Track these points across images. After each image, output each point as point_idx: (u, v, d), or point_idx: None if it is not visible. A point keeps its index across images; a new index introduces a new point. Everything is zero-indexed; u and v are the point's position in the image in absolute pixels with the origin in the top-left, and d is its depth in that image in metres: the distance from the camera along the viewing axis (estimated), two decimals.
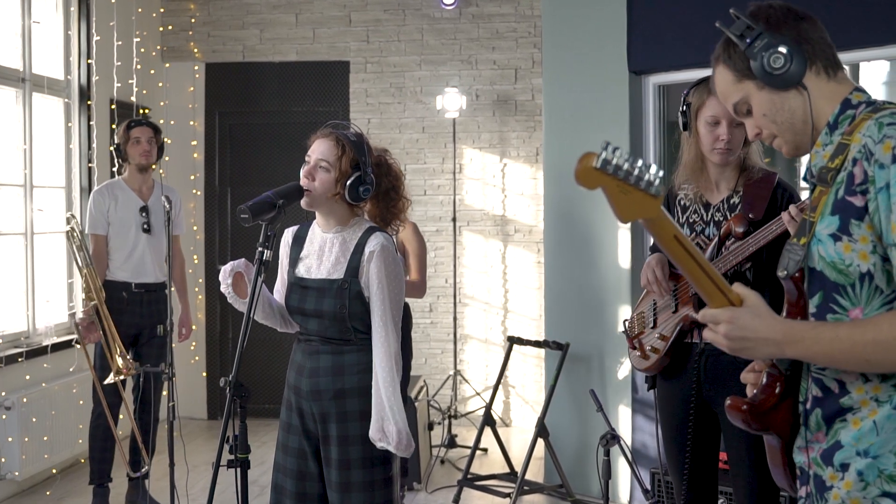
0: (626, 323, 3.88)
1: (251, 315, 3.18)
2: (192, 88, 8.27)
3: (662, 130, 5.94)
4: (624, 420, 5.89)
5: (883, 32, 5.07)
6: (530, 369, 7.91)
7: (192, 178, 8.24)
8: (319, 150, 3.36)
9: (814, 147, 2.05)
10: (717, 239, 3.56)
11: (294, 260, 3.46)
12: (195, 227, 8.24)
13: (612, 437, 4.46)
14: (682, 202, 3.73)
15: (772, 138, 2.11)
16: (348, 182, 3.31)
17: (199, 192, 8.28)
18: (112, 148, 5.84)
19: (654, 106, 5.91)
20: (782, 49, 2.00)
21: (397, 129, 8.10)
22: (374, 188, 3.38)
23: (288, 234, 3.53)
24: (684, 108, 3.60)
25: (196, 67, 8.29)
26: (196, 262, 8.22)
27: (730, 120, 3.47)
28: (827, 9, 5.22)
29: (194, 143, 8.27)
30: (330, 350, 3.33)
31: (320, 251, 3.40)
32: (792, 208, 3.18)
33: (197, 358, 8.24)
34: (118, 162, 5.89)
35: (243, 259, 3.41)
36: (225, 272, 3.37)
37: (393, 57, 8.17)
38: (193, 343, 8.07)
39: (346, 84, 8.21)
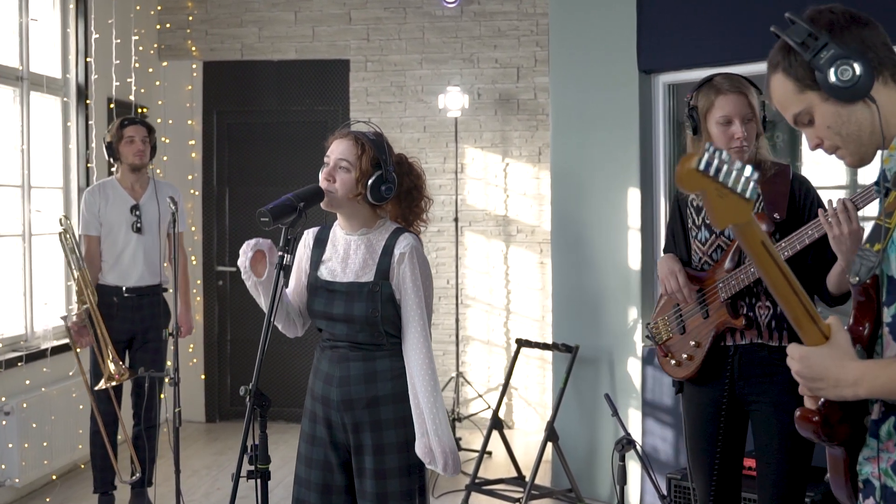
0: (650, 328, 3.80)
1: (272, 319, 3.09)
2: (189, 87, 8.17)
3: (672, 130, 5.87)
4: (634, 424, 5.81)
5: None
6: (533, 371, 7.82)
7: (190, 177, 8.13)
8: (339, 150, 3.28)
9: (887, 151, 1.96)
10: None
11: (316, 262, 3.36)
12: (193, 228, 8.13)
13: (627, 443, 4.39)
14: (694, 203, 3.68)
15: (834, 149, 2.00)
16: (370, 182, 3.22)
17: (196, 193, 8.18)
18: (104, 146, 5.68)
19: (664, 105, 5.84)
20: (852, 62, 1.89)
21: (398, 129, 8.01)
22: (395, 187, 3.29)
23: (308, 236, 3.44)
24: (690, 111, 3.53)
25: (194, 66, 8.18)
26: (194, 262, 8.11)
27: (742, 117, 3.42)
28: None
29: (192, 142, 8.17)
30: (361, 356, 3.24)
31: (345, 254, 3.31)
32: (838, 205, 3.06)
33: (195, 360, 8.13)
34: (109, 161, 5.75)
35: (269, 240, 3.30)
36: (248, 245, 3.27)
37: (394, 55, 8.07)
38: (191, 345, 7.97)
39: (346, 83, 8.12)
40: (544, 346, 6.04)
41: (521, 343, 6.15)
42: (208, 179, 8.25)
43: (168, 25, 8.14)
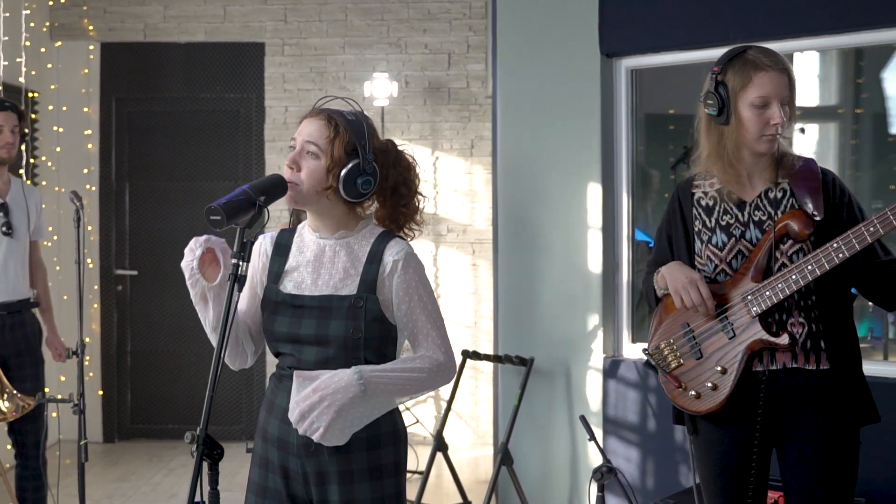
0: (651, 355, 3.19)
1: (225, 340, 2.42)
2: (86, 71, 7.41)
3: (634, 121, 5.33)
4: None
5: (813, 21, 4.67)
6: (465, 381, 7.23)
7: (86, 171, 7.37)
8: (307, 131, 2.62)
9: None
10: (769, 242, 2.93)
11: (276, 273, 2.70)
12: (90, 228, 7.35)
13: (608, 471, 3.87)
14: (702, 202, 3.09)
15: None
16: (342, 172, 2.58)
17: (93, 188, 7.40)
18: None
19: (627, 93, 5.30)
20: None
21: None
22: (376, 181, 2.65)
23: (265, 241, 2.76)
24: (716, 90, 2.97)
25: (91, 47, 7.43)
26: (91, 266, 7.35)
27: (781, 99, 2.89)
28: None
29: (88, 132, 7.41)
30: None
31: (316, 262, 2.65)
32: None
33: (91, 374, 7.33)
34: None
35: (223, 239, 2.62)
36: (196, 242, 2.58)
37: (313, 39, 7.43)
38: (88, 357, 7.18)
39: (260, 68, 7.47)
40: (495, 359, 5.45)
41: (468, 355, 5.55)
42: (106, 173, 7.52)
43: (62, 1, 7.32)
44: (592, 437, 3.95)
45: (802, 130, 7.24)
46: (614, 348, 5.31)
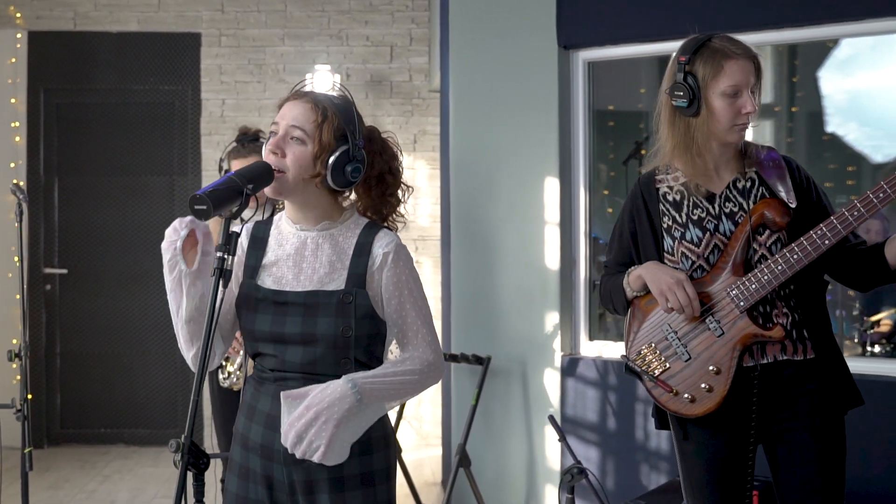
0: (631, 359, 3.04)
1: (209, 344, 2.24)
2: (12, 60, 7.10)
3: (591, 115, 5.24)
4: (551, 441, 5.15)
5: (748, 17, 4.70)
6: None
7: (13, 165, 7.06)
8: (291, 114, 2.45)
9: None
10: (745, 234, 2.84)
11: (253, 267, 2.51)
12: (16, 225, 7.01)
13: (578, 472, 3.75)
14: (668, 197, 2.99)
15: None
16: (331, 159, 2.41)
17: (21, 183, 7.04)
18: None
19: (584, 86, 5.20)
20: None
21: (256, 112, 7.13)
22: (364, 169, 2.50)
23: (241, 234, 2.57)
24: (685, 80, 2.87)
25: (18, 35, 7.11)
26: (17, 263, 7.01)
27: (750, 87, 2.83)
28: None
29: (15, 124, 7.10)
30: None
31: (298, 255, 2.48)
32: None
33: (18, 377, 7.01)
34: None
35: (207, 224, 2.41)
36: (180, 223, 2.37)
37: (251, 29, 7.22)
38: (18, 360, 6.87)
39: (196, 59, 7.24)
40: (450, 358, 5.30)
41: None
42: (34, 168, 7.24)
43: None
44: (563, 438, 3.83)
45: None
46: (572, 346, 5.21)
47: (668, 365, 2.94)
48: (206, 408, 6.90)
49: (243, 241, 2.56)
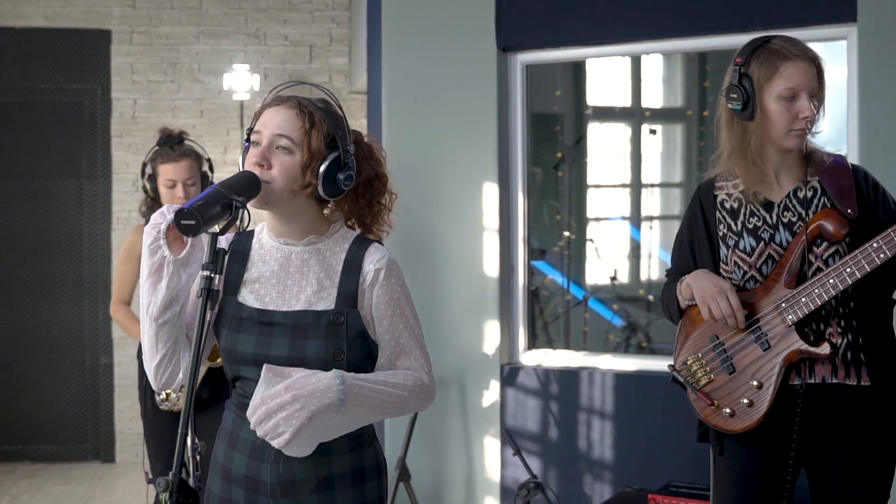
0: (679, 372, 2.95)
1: (198, 358, 2.06)
2: None
3: (528, 121, 5.15)
4: (490, 453, 5.04)
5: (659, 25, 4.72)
6: None
7: None
8: (275, 122, 2.28)
9: None
10: (801, 245, 2.74)
11: (234, 284, 2.34)
12: None
13: (535, 486, 3.68)
14: (726, 204, 2.89)
15: None
16: (322, 168, 2.25)
17: None
18: None
19: (522, 89, 5.11)
20: None
21: (170, 113, 6.89)
22: (354, 177, 2.35)
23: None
24: (739, 83, 2.77)
25: None
26: None
27: (809, 91, 2.71)
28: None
29: None
30: None
31: (282, 272, 2.31)
32: None
33: None
34: None
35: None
36: (169, 208, 2.21)
37: (165, 27, 7.00)
38: None
39: (106, 57, 7.01)
40: None
41: None
42: None
43: None
44: (518, 452, 3.74)
45: (653, 132, 7.27)
46: (510, 355, 5.11)
47: (712, 377, 2.84)
48: (134, 425, 6.64)
49: None
